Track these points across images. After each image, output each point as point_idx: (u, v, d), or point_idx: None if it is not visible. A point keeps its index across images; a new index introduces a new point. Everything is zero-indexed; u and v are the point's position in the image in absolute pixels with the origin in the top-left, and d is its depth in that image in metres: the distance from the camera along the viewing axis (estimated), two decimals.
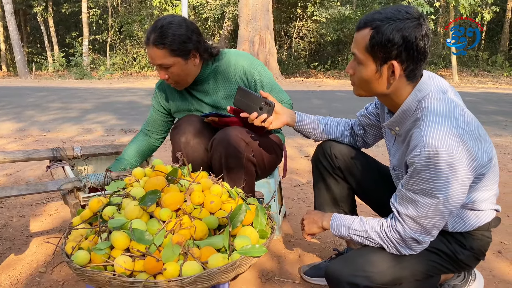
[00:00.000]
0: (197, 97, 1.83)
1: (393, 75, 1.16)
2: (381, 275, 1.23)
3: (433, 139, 1.08)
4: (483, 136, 1.19)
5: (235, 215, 1.22)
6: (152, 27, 1.63)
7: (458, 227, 1.28)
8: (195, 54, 1.68)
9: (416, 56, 1.13)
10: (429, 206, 1.14)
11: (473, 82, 14.12)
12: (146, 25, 17.37)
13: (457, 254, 1.29)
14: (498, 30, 19.34)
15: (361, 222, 1.30)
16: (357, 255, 1.31)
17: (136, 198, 1.23)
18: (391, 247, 1.24)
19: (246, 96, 1.49)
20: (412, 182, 1.15)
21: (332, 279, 1.29)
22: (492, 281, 1.68)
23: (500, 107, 7.71)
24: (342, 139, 1.62)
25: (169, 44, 1.60)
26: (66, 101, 7.76)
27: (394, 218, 1.23)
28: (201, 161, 1.69)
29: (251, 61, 1.80)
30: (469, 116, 1.17)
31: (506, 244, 2.03)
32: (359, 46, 1.18)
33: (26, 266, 1.76)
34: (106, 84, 12.26)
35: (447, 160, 1.07)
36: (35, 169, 3.20)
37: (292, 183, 2.98)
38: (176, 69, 1.66)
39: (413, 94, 1.19)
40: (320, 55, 18.91)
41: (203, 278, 1.05)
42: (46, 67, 18.06)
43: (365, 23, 1.16)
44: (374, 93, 1.25)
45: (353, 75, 1.24)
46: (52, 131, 4.95)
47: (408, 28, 1.10)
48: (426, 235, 1.20)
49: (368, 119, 1.56)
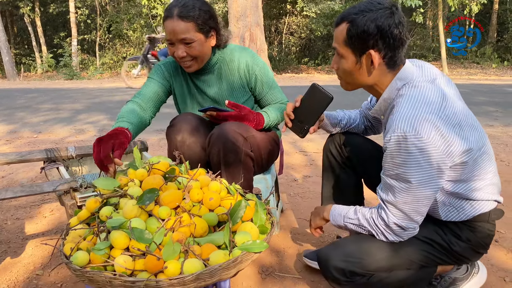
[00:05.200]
0: (199, 87, 1.82)
1: (373, 64, 1.21)
2: (373, 262, 1.27)
3: (402, 124, 1.13)
4: (467, 124, 1.21)
5: (235, 211, 1.21)
6: (175, 2, 1.61)
7: (452, 216, 1.29)
8: (213, 35, 1.69)
9: (392, 44, 1.18)
10: (404, 191, 1.18)
11: (463, 74, 14.22)
12: (135, 23, 17.22)
13: (452, 246, 1.30)
14: (486, 22, 19.46)
15: (355, 210, 1.34)
16: (350, 241, 1.35)
17: (134, 197, 1.22)
18: (379, 234, 1.28)
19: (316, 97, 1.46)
20: (388, 168, 1.20)
21: (322, 262, 1.34)
22: (491, 270, 1.70)
23: (491, 98, 7.77)
24: (355, 131, 1.66)
25: (196, 18, 1.59)
26: (56, 102, 7.67)
27: (380, 206, 1.27)
28: (198, 159, 1.67)
29: (255, 58, 1.81)
30: (451, 104, 1.20)
31: (502, 233, 2.04)
32: (338, 40, 1.24)
33: (23, 269, 1.74)
34: (96, 84, 12.15)
35: (416, 144, 1.11)
36: (27, 171, 3.16)
37: (288, 178, 2.98)
38: (197, 45, 1.63)
39: (393, 82, 1.24)
40: (311, 50, 18.90)
41: (204, 275, 1.04)
42: (34, 68, 17.83)
43: (342, 19, 1.23)
44: (359, 85, 1.30)
45: (338, 69, 1.30)
46: (43, 132, 4.89)
47: (381, 17, 1.16)
48: (409, 221, 1.23)
49: None
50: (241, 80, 1.80)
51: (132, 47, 17.95)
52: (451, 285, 1.43)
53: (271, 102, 1.84)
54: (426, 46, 17.90)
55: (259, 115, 1.73)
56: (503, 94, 8.39)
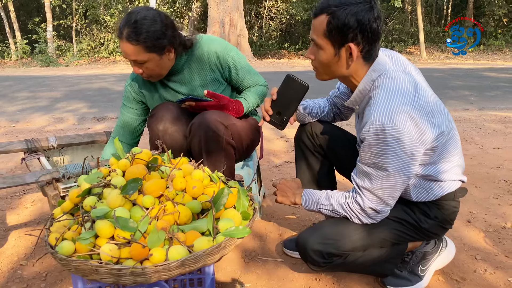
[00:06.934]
0: (172, 88, 1.81)
1: (351, 56, 1.24)
2: (348, 242, 1.34)
3: (380, 116, 1.17)
4: (437, 111, 1.28)
5: (218, 199, 1.25)
6: (125, 21, 1.57)
7: (422, 197, 1.38)
8: (170, 49, 1.64)
9: (370, 37, 1.21)
10: (381, 178, 1.24)
11: (441, 58, 14.45)
12: (112, 8, 16.82)
13: (421, 223, 1.39)
14: (463, 6, 19.73)
15: (327, 196, 1.40)
16: (325, 224, 1.42)
17: (118, 187, 1.24)
18: (354, 217, 1.34)
19: (291, 88, 1.48)
20: (365, 157, 1.25)
21: (300, 247, 1.40)
22: (462, 248, 1.78)
23: (467, 82, 7.95)
24: (325, 119, 1.69)
25: (144, 40, 1.55)
26: (33, 90, 7.51)
27: (355, 191, 1.33)
28: (180, 148, 1.69)
29: (224, 46, 1.78)
30: (423, 92, 1.26)
31: (474, 214, 2.14)
32: (317, 32, 1.25)
33: (6, 259, 1.74)
34: (74, 71, 11.91)
35: (394, 135, 1.16)
36: (6, 161, 3.12)
37: (269, 165, 3.02)
38: (150, 64, 1.62)
39: (368, 74, 1.28)
40: (291, 36, 18.86)
41: (189, 261, 1.08)
42: (8, 55, 17.30)
43: (321, 10, 1.23)
44: (335, 76, 1.33)
45: (314, 60, 1.32)
46: (21, 121, 4.81)
47: (361, 11, 1.18)
48: (384, 205, 1.30)
49: (341, 99, 1.63)
50: (214, 73, 1.79)
51: (110, 32, 17.57)
52: (422, 259, 1.51)
53: (250, 86, 1.86)
54: (405, 30, 18.07)
55: (238, 103, 1.76)
56: (478, 78, 8.59)
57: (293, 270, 1.64)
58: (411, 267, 1.50)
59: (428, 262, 1.51)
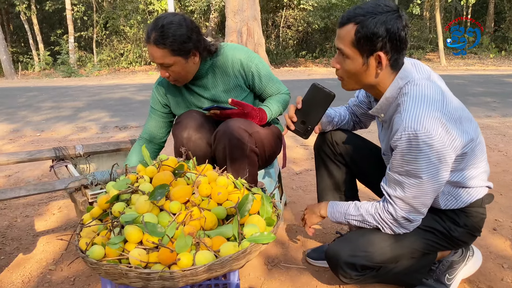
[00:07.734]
0: (196, 92, 1.85)
1: (380, 65, 1.23)
2: (380, 254, 1.33)
3: (412, 123, 1.17)
4: (465, 118, 1.27)
5: (243, 205, 1.26)
6: (152, 25, 1.63)
7: (450, 204, 1.36)
8: (195, 53, 1.70)
9: (399, 46, 1.21)
10: (414, 186, 1.22)
11: (460, 65, 14.25)
12: (131, 19, 17.18)
13: (451, 232, 1.37)
14: (483, 12, 19.46)
15: (356, 207, 1.39)
16: (356, 236, 1.40)
17: (146, 193, 1.27)
18: (386, 227, 1.33)
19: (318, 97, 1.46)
20: (397, 165, 1.23)
21: (332, 259, 1.39)
22: (489, 257, 1.75)
23: (488, 88, 7.81)
24: (345, 128, 1.69)
25: (170, 44, 1.61)
26: (57, 100, 7.70)
27: (386, 201, 1.31)
28: (203, 155, 1.72)
29: (248, 54, 1.82)
30: (450, 99, 1.25)
31: (500, 222, 2.10)
32: (344, 41, 1.24)
33: (36, 264, 1.79)
34: (95, 81, 12.16)
35: (426, 141, 1.15)
36: (33, 169, 3.20)
37: (290, 172, 3.03)
38: (176, 68, 1.68)
39: (395, 82, 1.27)
40: (308, 44, 18.89)
41: (216, 266, 1.09)
42: (32, 66, 17.80)
43: (348, 19, 1.23)
44: (362, 85, 1.33)
45: (340, 69, 1.31)
46: (46, 130, 4.93)
47: (390, 20, 1.18)
48: (416, 214, 1.29)
49: (361, 108, 1.64)
50: (237, 79, 1.82)
51: (129, 43, 17.92)
52: (449, 268, 1.49)
53: (272, 94, 1.88)
54: (423, 37, 17.90)
55: (261, 111, 1.78)
56: (500, 84, 8.43)
57: (316, 278, 1.64)
58: (437, 276, 1.49)
59: (455, 271, 1.49)
